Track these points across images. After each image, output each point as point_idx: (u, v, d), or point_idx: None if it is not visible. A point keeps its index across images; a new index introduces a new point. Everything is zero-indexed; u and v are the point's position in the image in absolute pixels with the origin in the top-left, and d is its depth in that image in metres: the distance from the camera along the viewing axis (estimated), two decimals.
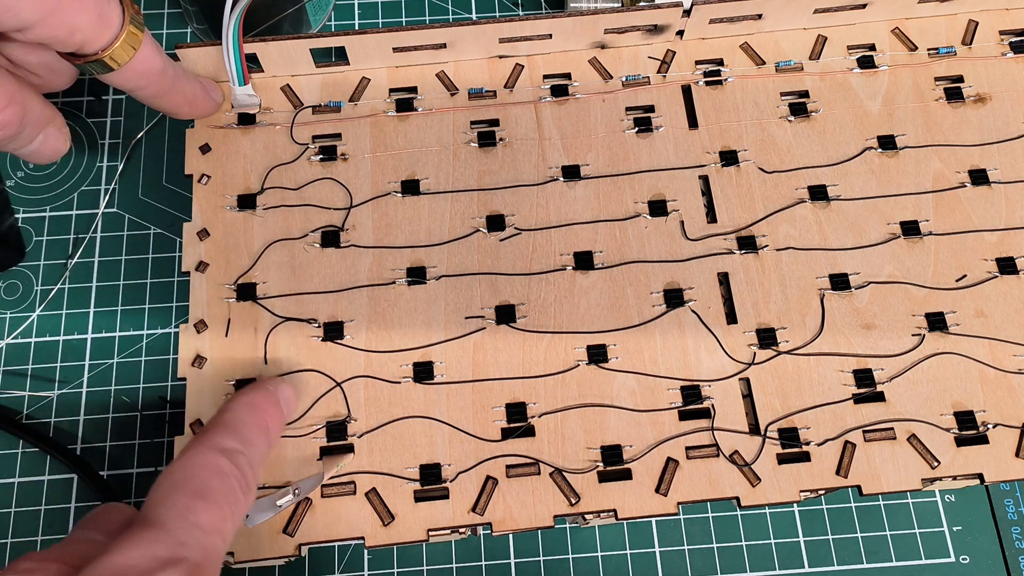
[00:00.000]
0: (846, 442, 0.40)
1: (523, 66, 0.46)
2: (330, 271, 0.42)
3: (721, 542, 0.44)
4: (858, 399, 0.40)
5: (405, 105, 0.46)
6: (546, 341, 0.41)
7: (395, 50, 0.45)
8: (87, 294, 0.48)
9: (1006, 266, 0.42)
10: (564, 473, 0.39)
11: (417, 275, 0.42)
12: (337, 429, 0.40)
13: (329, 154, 0.45)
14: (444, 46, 0.45)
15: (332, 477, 0.39)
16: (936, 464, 0.39)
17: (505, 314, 0.42)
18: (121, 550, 0.28)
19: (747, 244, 0.43)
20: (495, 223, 0.43)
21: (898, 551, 0.44)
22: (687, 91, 0.46)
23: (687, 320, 0.42)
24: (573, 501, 0.39)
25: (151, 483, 0.43)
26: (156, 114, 0.51)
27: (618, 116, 0.45)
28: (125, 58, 0.36)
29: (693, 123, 0.45)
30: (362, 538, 0.38)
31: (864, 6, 0.45)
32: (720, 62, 0.46)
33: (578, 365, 0.41)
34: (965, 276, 0.42)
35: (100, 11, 0.34)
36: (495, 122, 0.45)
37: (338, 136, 0.45)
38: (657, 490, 0.39)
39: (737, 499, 0.39)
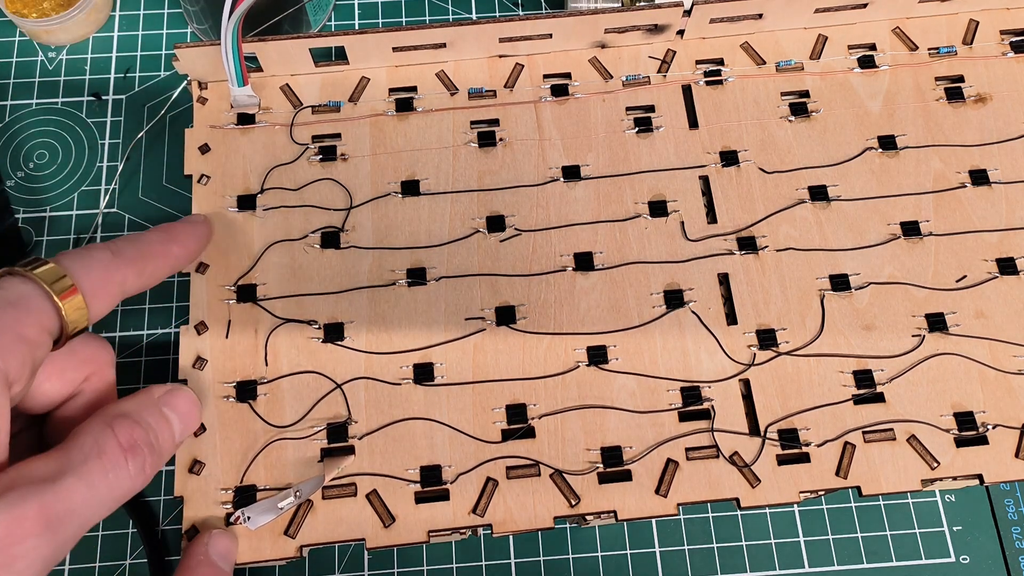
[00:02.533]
0: (846, 443, 0.40)
1: (523, 66, 0.46)
2: (330, 272, 0.42)
3: (721, 542, 0.44)
4: (858, 400, 0.40)
5: (405, 105, 0.46)
6: (546, 342, 0.41)
7: (395, 49, 0.45)
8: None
9: (1006, 266, 0.42)
10: (564, 474, 0.39)
11: (417, 276, 0.42)
12: (338, 431, 0.40)
13: (329, 154, 0.45)
14: (444, 46, 0.45)
15: (333, 479, 0.39)
16: (936, 465, 0.39)
17: (505, 315, 0.42)
18: None
19: (747, 245, 0.43)
20: (495, 224, 0.43)
21: (898, 551, 0.44)
22: (687, 91, 0.46)
23: (687, 321, 0.42)
24: (573, 502, 0.39)
25: (152, 483, 0.43)
26: (156, 114, 0.51)
27: (618, 116, 0.45)
28: (81, 319, 0.34)
29: (693, 123, 0.45)
30: (363, 539, 0.39)
31: (865, 5, 0.45)
32: (720, 62, 0.46)
33: (578, 366, 0.41)
34: (965, 276, 0.42)
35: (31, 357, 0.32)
36: (495, 122, 0.45)
37: (338, 136, 0.45)
38: (657, 491, 0.39)
39: (737, 500, 0.39)
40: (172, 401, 0.36)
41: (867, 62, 0.46)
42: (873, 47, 0.46)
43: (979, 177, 0.44)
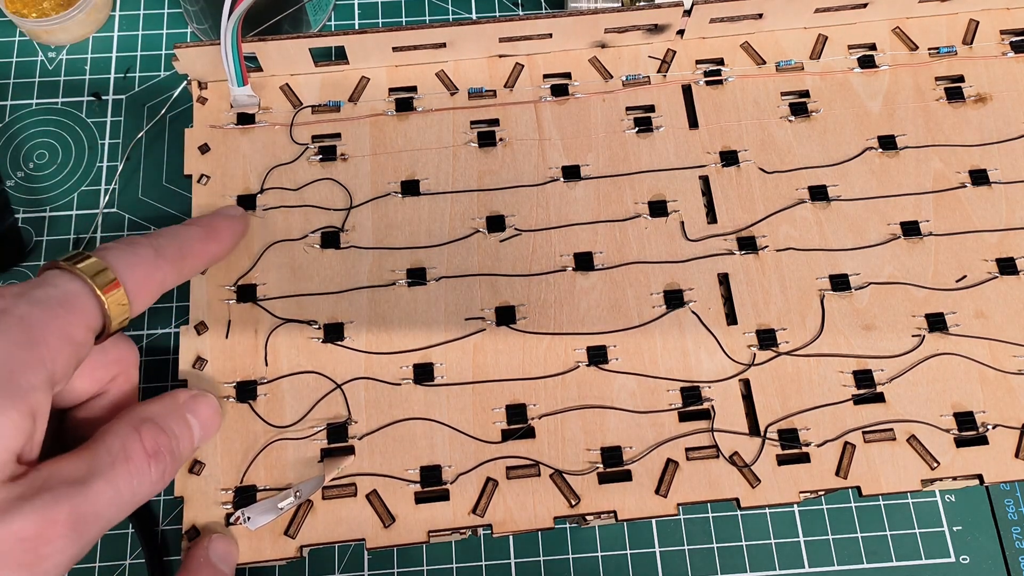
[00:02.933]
0: (846, 443, 0.40)
1: (523, 65, 0.46)
2: (330, 272, 0.42)
3: (721, 542, 0.44)
4: (858, 400, 0.40)
5: (405, 105, 0.46)
6: (546, 342, 0.41)
7: (395, 49, 0.45)
8: None
9: (1006, 266, 0.42)
10: (564, 474, 0.39)
11: (417, 276, 0.42)
12: (338, 431, 0.40)
13: (329, 154, 0.45)
14: (444, 45, 0.45)
15: (333, 479, 0.39)
16: (936, 465, 0.39)
17: (505, 315, 0.42)
18: None
19: (747, 245, 0.43)
20: (495, 224, 0.43)
21: (898, 551, 0.44)
22: (687, 91, 0.46)
23: (687, 321, 0.42)
24: (573, 502, 0.39)
25: None
26: (156, 114, 0.51)
27: (618, 116, 0.45)
28: (123, 315, 0.34)
29: (693, 123, 0.45)
30: (363, 540, 0.39)
31: (865, 5, 0.45)
32: (720, 61, 0.46)
33: (578, 366, 0.41)
34: (965, 276, 0.42)
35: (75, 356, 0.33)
36: (495, 122, 0.45)
37: (337, 136, 0.45)
38: (657, 491, 0.39)
39: (737, 500, 0.39)
40: (196, 407, 0.37)
41: (867, 62, 0.46)
42: (873, 47, 0.46)
43: (979, 177, 0.44)
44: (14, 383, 0.29)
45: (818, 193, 0.44)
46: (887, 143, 0.44)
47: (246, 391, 0.40)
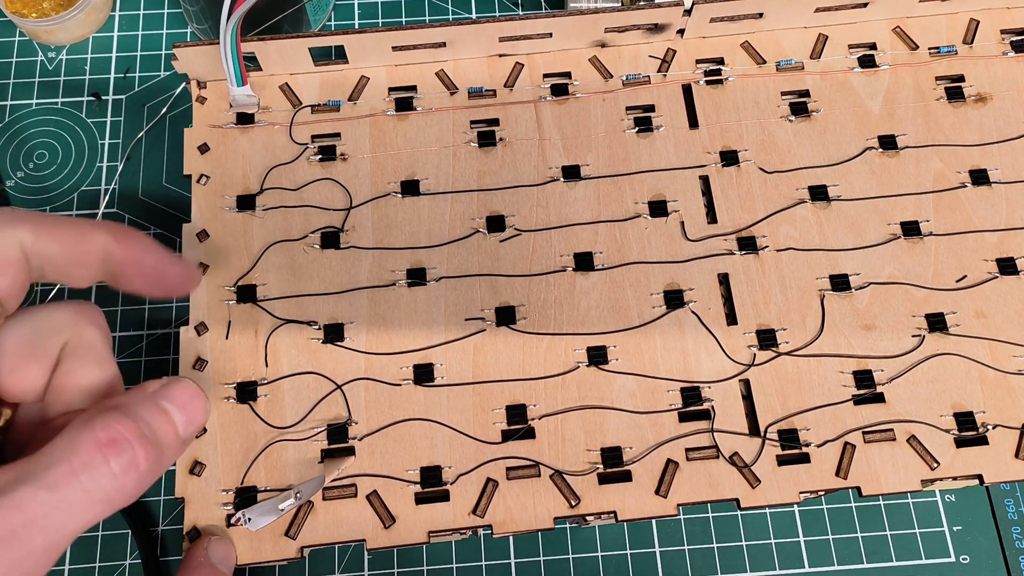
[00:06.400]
0: (846, 443, 0.40)
1: (523, 65, 0.46)
2: (330, 272, 0.42)
3: (721, 542, 0.44)
4: (858, 400, 0.40)
5: (404, 104, 0.46)
6: (546, 343, 0.41)
7: (394, 49, 0.45)
8: (87, 294, 0.48)
9: (1006, 267, 0.42)
10: (564, 475, 0.39)
11: (417, 276, 0.42)
12: (338, 432, 0.40)
13: (328, 154, 0.44)
14: (444, 45, 0.45)
15: (333, 480, 0.39)
16: (936, 465, 0.39)
17: (505, 315, 0.42)
18: None
19: (747, 245, 0.43)
20: (495, 224, 0.43)
21: (898, 551, 0.44)
22: (687, 90, 0.46)
23: (687, 321, 0.42)
24: (573, 503, 0.39)
25: (152, 484, 0.43)
26: (156, 114, 0.51)
27: (618, 116, 0.45)
28: None
29: (693, 123, 0.45)
30: (363, 540, 0.39)
31: (865, 5, 0.45)
32: (721, 61, 0.46)
33: (578, 367, 0.41)
34: (965, 277, 0.42)
35: None
36: (495, 122, 0.45)
37: (337, 136, 0.45)
38: (657, 492, 0.39)
39: (737, 500, 0.39)
40: (169, 393, 0.33)
41: (867, 62, 0.46)
42: (873, 46, 0.46)
43: (979, 177, 0.44)
44: None
45: (818, 193, 0.43)
46: (887, 143, 0.44)
47: (246, 392, 0.40)
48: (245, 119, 0.45)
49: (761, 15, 0.45)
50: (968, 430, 0.40)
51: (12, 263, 0.31)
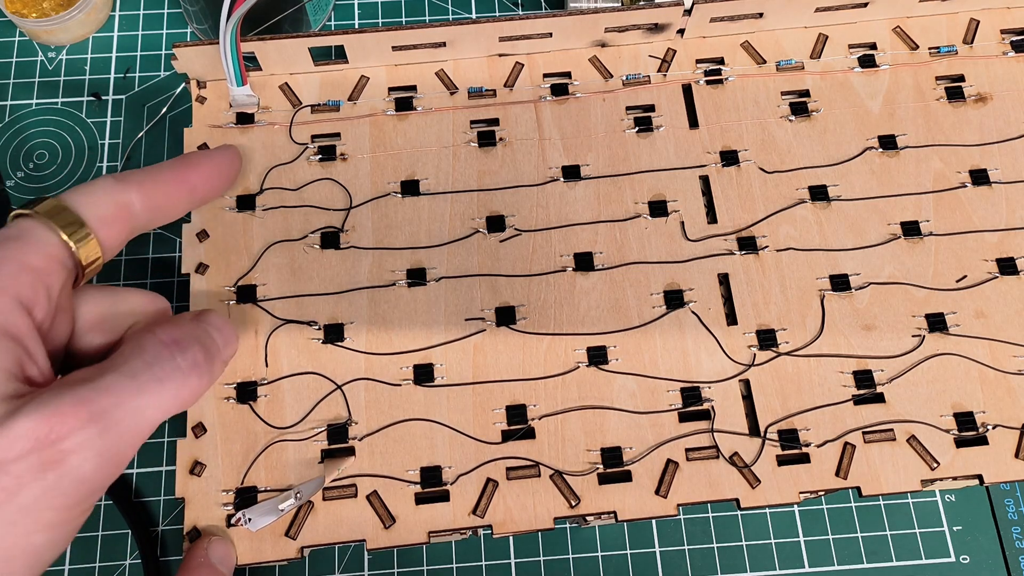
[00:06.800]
0: (846, 443, 0.40)
1: (523, 65, 0.46)
2: (330, 272, 0.42)
3: (721, 542, 0.44)
4: (858, 400, 0.40)
5: (404, 104, 0.46)
6: (546, 343, 0.41)
7: (394, 49, 0.45)
8: None
9: (1006, 267, 0.42)
10: (564, 475, 0.39)
11: (417, 276, 0.42)
12: (338, 432, 0.40)
13: (328, 154, 0.44)
14: (443, 45, 0.45)
15: (333, 480, 0.39)
16: (936, 465, 0.39)
17: (505, 316, 0.42)
18: None
19: (747, 245, 0.43)
20: (495, 224, 0.43)
21: (898, 551, 0.44)
22: (687, 90, 0.46)
23: (687, 321, 0.42)
24: (573, 503, 0.39)
25: (152, 484, 0.43)
26: (156, 114, 0.51)
27: (618, 115, 0.45)
28: (92, 249, 0.34)
29: (693, 123, 0.45)
30: (363, 540, 0.39)
31: (865, 5, 0.45)
32: (721, 61, 0.46)
33: (578, 367, 0.41)
34: (965, 277, 0.42)
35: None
36: (495, 121, 0.45)
37: (337, 136, 0.45)
38: (657, 492, 0.39)
39: (737, 501, 0.39)
40: (206, 317, 0.36)
41: (867, 61, 0.46)
42: (873, 46, 0.46)
43: (979, 177, 0.44)
44: None
45: (818, 193, 0.43)
46: (887, 143, 0.44)
47: (246, 392, 0.40)
48: (245, 119, 0.45)
49: (761, 15, 0.45)
50: (968, 430, 0.40)
51: (118, 219, 0.35)
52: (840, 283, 0.42)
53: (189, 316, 0.36)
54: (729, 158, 0.44)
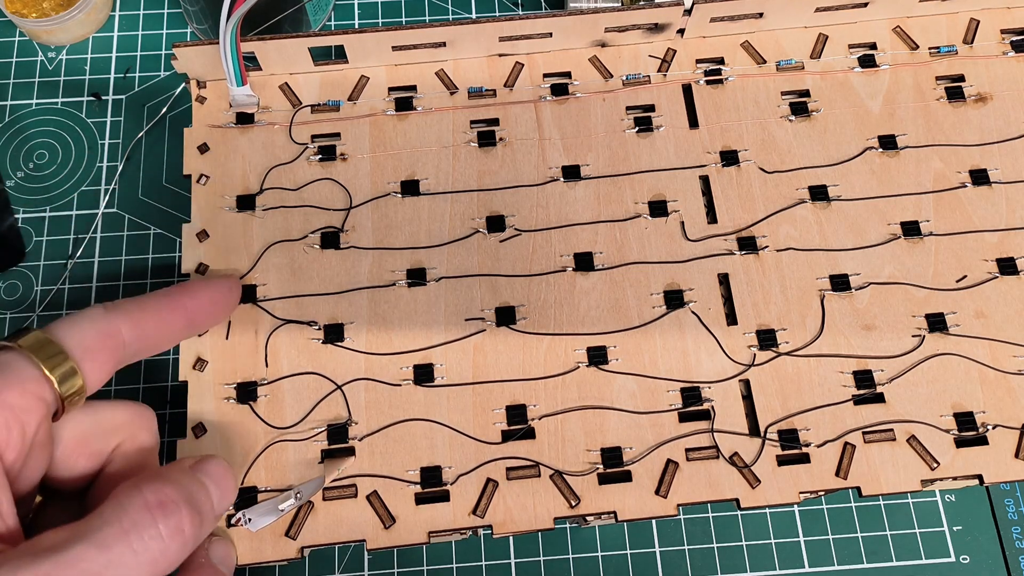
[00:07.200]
0: (846, 443, 0.40)
1: (523, 65, 0.46)
2: (330, 273, 0.42)
3: (721, 542, 0.44)
4: (858, 400, 0.40)
5: (404, 104, 0.46)
6: (546, 343, 0.41)
7: (394, 48, 0.45)
8: (87, 294, 0.48)
9: (1006, 267, 0.42)
10: (564, 475, 0.39)
11: (417, 276, 0.42)
12: (338, 432, 0.40)
13: (328, 154, 0.44)
14: (443, 45, 0.45)
15: (333, 480, 0.39)
16: (936, 465, 0.39)
17: (505, 316, 0.42)
18: None
19: (747, 245, 0.43)
20: (495, 224, 0.43)
21: (898, 551, 0.44)
22: (688, 90, 0.46)
23: (687, 321, 0.42)
24: (573, 503, 0.39)
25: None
26: (156, 114, 0.51)
27: (618, 115, 0.45)
28: (75, 384, 0.33)
29: (694, 123, 0.45)
30: (363, 540, 0.39)
31: (865, 4, 0.45)
32: (721, 61, 0.46)
33: (578, 367, 0.41)
34: (965, 277, 0.42)
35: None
36: (495, 121, 0.45)
37: (337, 135, 0.45)
38: (657, 492, 0.39)
39: (737, 501, 0.39)
40: (205, 467, 0.34)
41: (867, 61, 0.46)
42: (873, 46, 0.46)
43: (979, 177, 0.44)
44: None
45: (818, 193, 0.43)
46: (887, 143, 0.44)
47: (246, 392, 0.40)
48: (245, 119, 0.45)
49: (761, 15, 0.45)
50: (968, 430, 0.40)
51: (105, 349, 0.34)
52: (840, 283, 0.42)
53: (187, 463, 0.34)
54: (729, 158, 0.44)
